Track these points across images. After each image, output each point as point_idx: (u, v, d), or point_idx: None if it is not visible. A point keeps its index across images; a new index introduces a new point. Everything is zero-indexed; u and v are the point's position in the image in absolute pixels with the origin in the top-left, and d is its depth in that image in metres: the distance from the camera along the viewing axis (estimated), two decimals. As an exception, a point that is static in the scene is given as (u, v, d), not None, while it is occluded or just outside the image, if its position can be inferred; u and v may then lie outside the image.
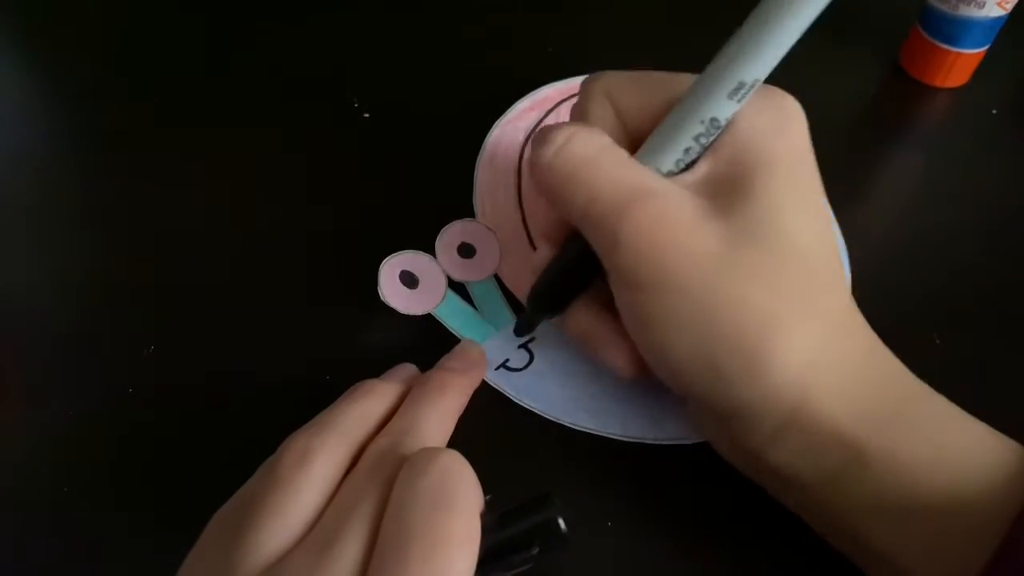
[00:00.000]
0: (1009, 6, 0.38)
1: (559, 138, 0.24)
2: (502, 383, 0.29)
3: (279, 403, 0.27)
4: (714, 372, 0.23)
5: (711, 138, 0.23)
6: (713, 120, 0.23)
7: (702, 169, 0.24)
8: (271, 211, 0.34)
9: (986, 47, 0.40)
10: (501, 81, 0.39)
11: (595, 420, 0.29)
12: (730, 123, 0.23)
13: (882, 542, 0.23)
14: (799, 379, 0.22)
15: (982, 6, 0.38)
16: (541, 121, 0.37)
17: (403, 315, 0.30)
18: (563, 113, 0.37)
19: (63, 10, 0.43)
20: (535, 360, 0.30)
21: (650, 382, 0.28)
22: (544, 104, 0.38)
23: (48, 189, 0.35)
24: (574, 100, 0.38)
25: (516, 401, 0.29)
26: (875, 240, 0.35)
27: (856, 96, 0.41)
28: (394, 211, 0.34)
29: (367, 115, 0.38)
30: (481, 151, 0.36)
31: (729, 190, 0.23)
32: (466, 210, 0.34)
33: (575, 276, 0.27)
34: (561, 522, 0.20)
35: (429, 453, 0.20)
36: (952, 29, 0.39)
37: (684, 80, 0.24)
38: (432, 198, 0.34)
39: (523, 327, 0.30)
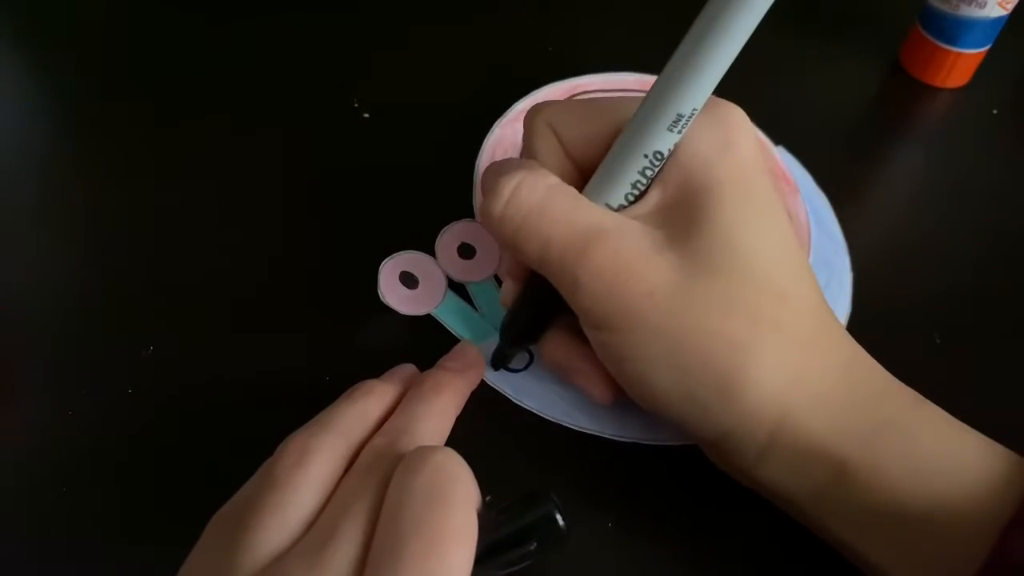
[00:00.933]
0: (1010, 6, 0.38)
1: (506, 189, 0.24)
2: (501, 383, 0.29)
3: (279, 403, 0.27)
4: (692, 402, 0.23)
5: (656, 169, 0.23)
6: (656, 153, 0.23)
7: (652, 198, 0.24)
8: (271, 211, 0.34)
9: (987, 47, 0.40)
10: (501, 81, 0.39)
11: (594, 421, 0.29)
12: (675, 147, 0.23)
13: (872, 554, 0.23)
14: (776, 399, 0.22)
15: (983, 6, 0.37)
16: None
17: (403, 315, 0.30)
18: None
19: (63, 10, 0.43)
20: (535, 361, 0.30)
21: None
22: None
23: (48, 189, 0.35)
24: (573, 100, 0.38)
25: (515, 402, 0.29)
26: (875, 240, 0.35)
27: (856, 96, 0.41)
28: (394, 211, 0.34)
29: (367, 115, 0.38)
30: (481, 151, 0.36)
31: (681, 217, 0.23)
32: (466, 210, 0.34)
33: (543, 310, 0.27)
34: (559, 518, 0.20)
35: (424, 451, 0.20)
36: (953, 29, 0.39)
37: (628, 106, 0.24)
38: (432, 198, 0.34)
39: (498, 360, 0.30)
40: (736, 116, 0.24)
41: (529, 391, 0.29)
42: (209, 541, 0.21)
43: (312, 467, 0.21)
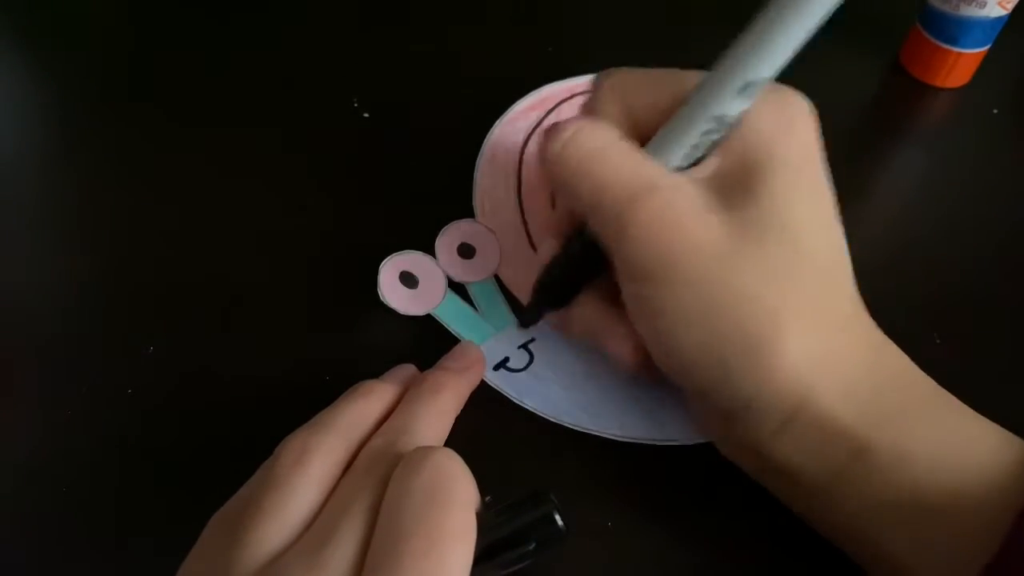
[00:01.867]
0: (1010, 6, 0.38)
1: (568, 130, 0.24)
2: (502, 383, 0.29)
3: (279, 403, 0.27)
4: (719, 366, 0.23)
5: (719, 135, 0.24)
6: (721, 117, 0.23)
7: (711, 165, 0.24)
8: (271, 211, 0.34)
9: (987, 47, 0.40)
10: (501, 81, 0.39)
11: (595, 421, 0.29)
12: (739, 121, 0.24)
13: (886, 539, 0.23)
14: (805, 375, 0.22)
15: (983, 6, 0.37)
16: (541, 121, 0.37)
17: (403, 315, 0.30)
18: (563, 113, 0.37)
19: (63, 10, 0.43)
20: (535, 361, 0.30)
21: (650, 382, 0.28)
22: (544, 104, 0.38)
23: (48, 189, 0.35)
24: (574, 100, 0.38)
25: (516, 401, 0.29)
26: (875, 240, 0.35)
27: (856, 96, 0.41)
28: (394, 211, 0.34)
29: (367, 115, 0.38)
30: (481, 151, 0.36)
31: (737, 186, 0.23)
32: (466, 210, 0.34)
33: (580, 270, 0.27)
34: (558, 518, 0.20)
35: (423, 451, 0.20)
36: (953, 29, 0.39)
37: (694, 77, 0.24)
38: (432, 198, 0.34)
39: (527, 319, 0.30)
40: (801, 102, 0.25)
41: (529, 391, 0.29)
42: (208, 541, 0.21)
43: (311, 467, 0.21)
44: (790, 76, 0.26)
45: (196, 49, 0.41)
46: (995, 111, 0.41)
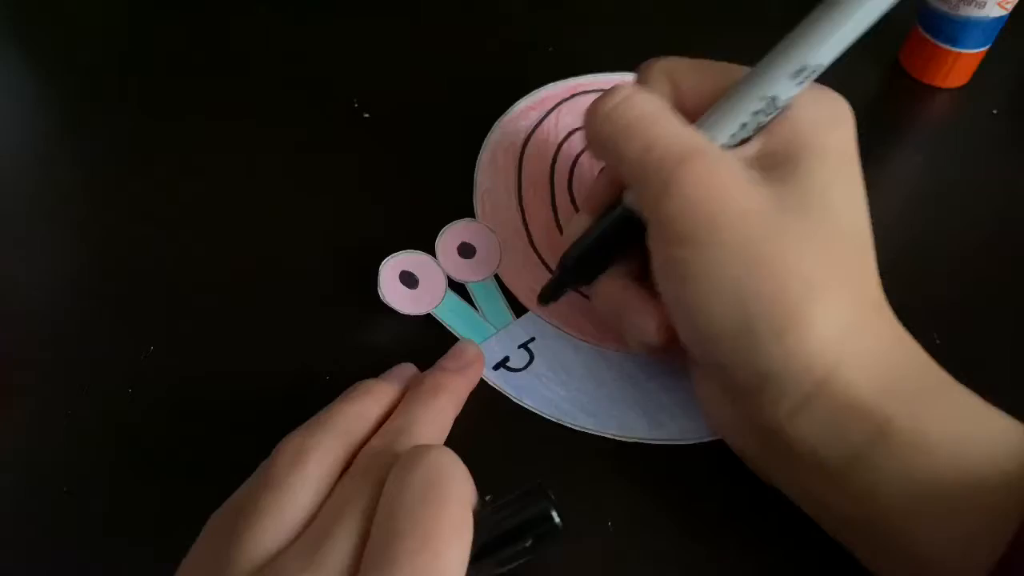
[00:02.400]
0: (1009, 6, 0.38)
1: (623, 92, 0.25)
2: (501, 383, 0.29)
3: (279, 403, 0.27)
4: (747, 334, 0.23)
5: (768, 117, 0.24)
6: (773, 98, 0.24)
7: (756, 145, 0.24)
8: (271, 211, 0.34)
9: (986, 47, 0.40)
10: (501, 81, 0.39)
11: (594, 421, 0.29)
12: (786, 108, 0.24)
13: (898, 525, 0.22)
14: (831, 349, 0.22)
15: (982, 6, 0.37)
16: (542, 121, 0.37)
17: (403, 315, 0.30)
18: (563, 113, 0.37)
19: (63, 10, 0.43)
20: (535, 360, 0.30)
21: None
22: (544, 104, 0.38)
23: (47, 189, 0.35)
24: (575, 100, 0.38)
25: (516, 401, 0.29)
26: (875, 240, 0.35)
27: (856, 96, 0.41)
28: (394, 211, 0.34)
29: (367, 115, 0.38)
30: (481, 151, 0.36)
31: (781, 166, 0.24)
32: (466, 210, 0.34)
33: (611, 245, 0.27)
34: (555, 515, 0.20)
35: (418, 450, 0.20)
36: (952, 29, 0.39)
37: (741, 71, 0.25)
38: (432, 198, 0.34)
39: (550, 294, 0.29)
40: (845, 106, 0.25)
41: (529, 390, 0.29)
42: (207, 540, 0.21)
43: (309, 467, 0.21)
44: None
45: (196, 49, 0.41)
46: (994, 111, 0.41)
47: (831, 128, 0.24)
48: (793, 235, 0.23)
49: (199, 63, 0.40)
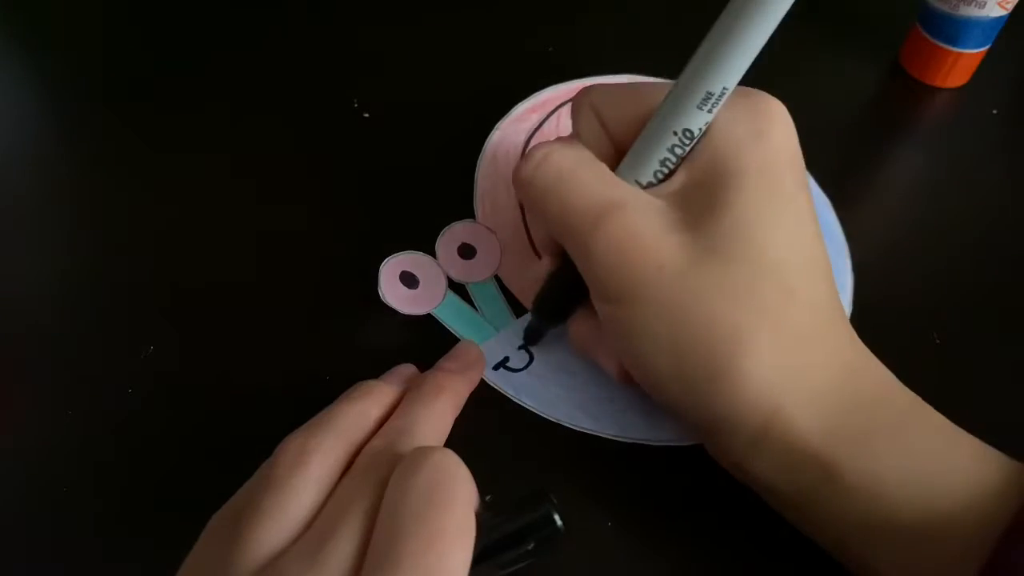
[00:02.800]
0: (1010, 6, 0.38)
1: (538, 154, 0.25)
2: (501, 383, 0.29)
3: (279, 403, 0.27)
4: (688, 386, 0.23)
5: (687, 148, 0.24)
6: (686, 131, 0.23)
7: (678, 179, 0.24)
8: (271, 211, 0.34)
9: (987, 47, 0.40)
10: (502, 82, 0.39)
11: (593, 421, 0.29)
12: (707, 130, 0.23)
13: (863, 556, 0.23)
14: (770, 393, 0.22)
15: (983, 6, 0.37)
16: (542, 123, 0.37)
17: (403, 315, 0.30)
18: (564, 115, 0.37)
19: (63, 10, 0.43)
20: (535, 361, 0.30)
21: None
22: (545, 106, 0.38)
23: (48, 189, 0.35)
24: None
25: (516, 401, 0.29)
26: (875, 240, 0.35)
27: (856, 96, 0.41)
28: (394, 211, 0.34)
29: (367, 115, 0.38)
30: (482, 152, 0.36)
31: (702, 200, 0.23)
32: (466, 211, 0.34)
33: (574, 286, 0.27)
34: (557, 518, 0.20)
35: (422, 451, 0.20)
36: (952, 29, 0.39)
37: (665, 89, 0.24)
38: (432, 198, 0.34)
39: (531, 337, 0.30)
40: (773, 108, 0.24)
41: (529, 391, 0.29)
42: (208, 541, 0.21)
43: (310, 468, 0.21)
44: (791, 76, 0.26)
45: (196, 49, 0.41)
46: (994, 111, 0.41)
47: (751, 144, 0.23)
48: (714, 284, 0.22)
49: (199, 63, 0.40)
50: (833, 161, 0.37)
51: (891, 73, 0.42)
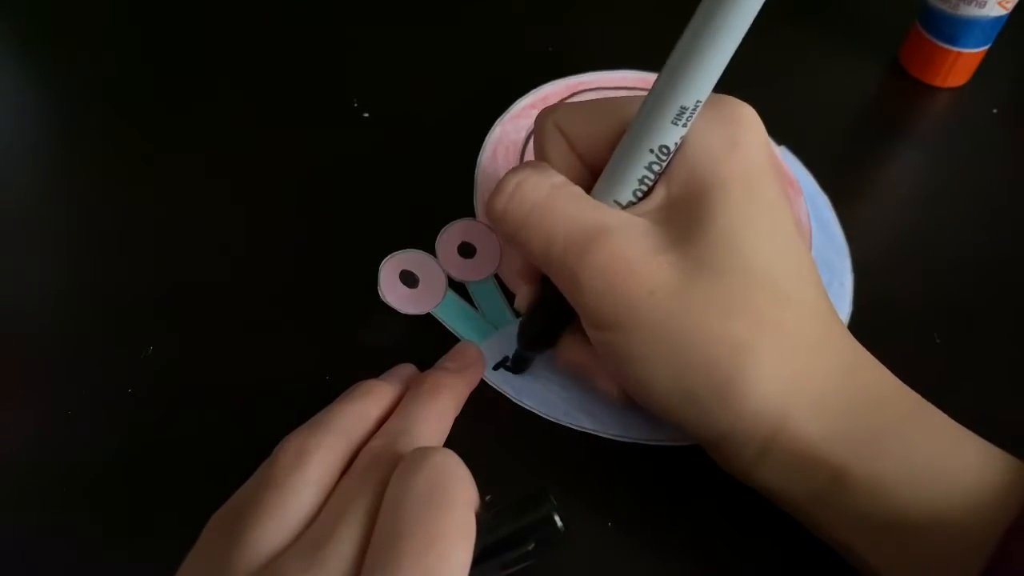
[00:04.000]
0: (1010, 6, 0.38)
1: (510, 185, 0.24)
2: (501, 383, 0.29)
3: (279, 403, 0.27)
4: (690, 403, 0.23)
5: (664, 164, 0.23)
6: (662, 147, 0.23)
7: (658, 195, 0.24)
8: (271, 211, 0.34)
9: (986, 47, 0.40)
10: (501, 81, 0.39)
11: (594, 421, 0.29)
12: (682, 143, 0.23)
13: (870, 557, 0.23)
14: (775, 404, 0.22)
15: (983, 5, 0.37)
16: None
17: (403, 315, 0.30)
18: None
19: (63, 10, 0.43)
20: (535, 361, 0.30)
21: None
22: (545, 102, 0.38)
23: (48, 189, 0.35)
24: (577, 98, 0.38)
25: (516, 401, 0.29)
26: (875, 240, 0.35)
27: (856, 96, 0.41)
28: (394, 210, 0.34)
29: (367, 115, 0.38)
30: (482, 150, 0.36)
31: (685, 215, 0.23)
32: (467, 209, 0.34)
33: (558, 312, 0.26)
34: (557, 519, 0.20)
35: (422, 452, 0.20)
36: (952, 29, 0.39)
37: (633, 104, 0.24)
38: (432, 198, 0.34)
39: (519, 367, 0.30)
40: (745, 114, 0.24)
41: (529, 391, 0.29)
42: (207, 541, 0.21)
43: (310, 467, 0.21)
44: (791, 76, 0.26)
45: (196, 49, 0.41)
46: (995, 111, 0.41)
47: (728, 154, 0.23)
48: (708, 301, 0.22)
49: (199, 64, 0.40)
50: (833, 161, 0.37)
51: (891, 73, 0.42)
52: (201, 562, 0.21)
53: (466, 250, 0.32)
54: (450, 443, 0.25)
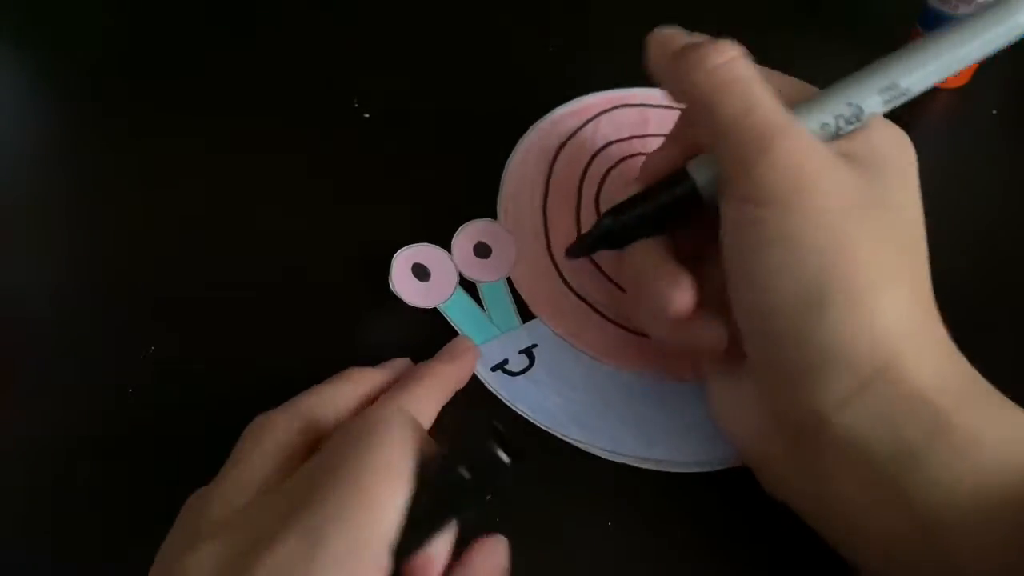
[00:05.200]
0: (1010, 6, 0.38)
1: (731, 50, 0.24)
2: (497, 386, 0.29)
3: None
4: (816, 306, 0.22)
5: (847, 125, 0.25)
6: (858, 107, 0.24)
7: (835, 147, 0.24)
8: (272, 211, 0.34)
9: (986, 47, 0.40)
10: (501, 80, 0.39)
11: (584, 433, 0.28)
12: (863, 126, 0.25)
13: (940, 533, 0.21)
14: (894, 338, 0.22)
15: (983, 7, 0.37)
16: (579, 129, 0.37)
17: (409, 308, 0.30)
18: (603, 123, 0.37)
19: (63, 10, 0.43)
20: (534, 366, 0.30)
21: (648, 400, 0.28)
22: (585, 113, 0.37)
23: (47, 189, 0.35)
24: (616, 112, 0.37)
25: (509, 405, 0.29)
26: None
27: (856, 96, 0.41)
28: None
29: (367, 115, 0.38)
30: (513, 153, 0.36)
31: (862, 167, 0.24)
32: (489, 210, 0.34)
33: (658, 214, 0.26)
34: (501, 453, 0.20)
35: (371, 408, 0.22)
36: (952, 29, 0.39)
37: (809, 88, 0.26)
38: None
39: (577, 251, 0.29)
40: (910, 144, 0.26)
41: (524, 396, 0.29)
42: (181, 515, 0.23)
43: (263, 442, 0.23)
44: (791, 76, 0.26)
45: (196, 50, 0.41)
46: (994, 111, 0.41)
47: (903, 152, 0.25)
48: (874, 223, 0.23)
49: (199, 64, 0.40)
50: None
51: (891, 73, 0.42)
52: (175, 533, 0.22)
53: (481, 250, 0.32)
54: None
